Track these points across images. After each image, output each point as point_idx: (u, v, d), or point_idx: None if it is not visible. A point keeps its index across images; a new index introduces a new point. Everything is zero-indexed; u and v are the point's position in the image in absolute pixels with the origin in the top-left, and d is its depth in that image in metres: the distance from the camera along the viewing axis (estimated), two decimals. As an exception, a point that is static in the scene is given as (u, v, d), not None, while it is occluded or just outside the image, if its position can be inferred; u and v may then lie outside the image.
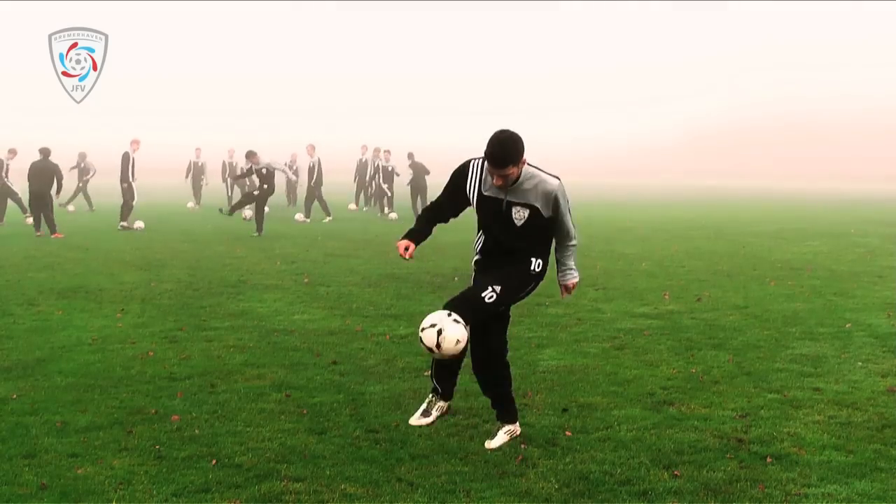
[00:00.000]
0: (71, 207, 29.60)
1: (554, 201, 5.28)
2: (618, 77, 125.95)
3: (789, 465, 5.14)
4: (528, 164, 5.27)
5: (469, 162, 5.42)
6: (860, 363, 7.61)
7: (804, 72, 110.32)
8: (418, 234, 5.45)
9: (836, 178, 73.45)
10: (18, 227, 22.65)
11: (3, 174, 23.87)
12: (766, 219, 27.14)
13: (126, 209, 22.56)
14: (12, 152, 24.62)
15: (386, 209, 28.65)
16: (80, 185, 30.58)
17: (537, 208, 5.26)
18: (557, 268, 5.65)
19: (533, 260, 5.39)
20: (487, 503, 4.65)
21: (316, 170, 26.43)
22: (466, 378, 7.10)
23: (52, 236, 19.71)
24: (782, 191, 53.98)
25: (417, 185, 27.25)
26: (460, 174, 5.40)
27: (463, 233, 18.57)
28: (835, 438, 5.61)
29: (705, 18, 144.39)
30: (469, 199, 5.39)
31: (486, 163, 5.20)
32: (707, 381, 7.02)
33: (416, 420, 5.65)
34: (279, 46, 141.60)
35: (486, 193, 5.30)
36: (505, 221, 5.29)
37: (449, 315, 5.17)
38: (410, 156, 28.45)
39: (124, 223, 22.31)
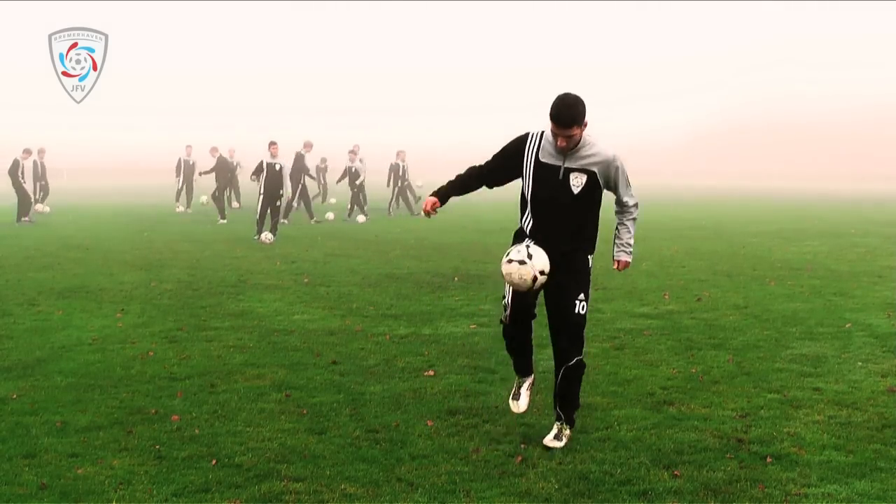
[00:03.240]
0: (46, 208, 29.36)
1: (615, 170, 5.36)
2: (618, 74, 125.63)
3: (789, 465, 5.15)
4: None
5: (528, 132, 5.52)
6: (860, 363, 7.61)
7: (806, 70, 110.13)
8: (446, 194, 5.61)
9: (837, 178, 73.38)
10: (18, 227, 22.67)
11: (20, 174, 23.98)
12: (766, 219, 27.13)
13: (288, 208, 23.49)
14: (27, 152, 24.80)
15: (357, 210, 26.76)
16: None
17: (595, 174, 5.33)
18: (614, 240, 5.75)
19: (589, 258, 5.55)
20: (487, 503, 4.66)
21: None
22: (466, 378, 7.12)
23: None
24: (782, 191, 53.99)
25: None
26: (519, 140, 5.48)
27: (463, 233, 18.64)
28: (835, 438, 5.61)
29: (706, 15, 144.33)
30: (523, 166, 5.42)
31: (544, 133, 5.33)
32: (707, 381, 7.02)
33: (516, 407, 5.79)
34: (280, 43, 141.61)
35: (543, 160, 5.36)
36: (561, 189, 5.33)
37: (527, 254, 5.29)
38: (231, 152, 29.66)
39: (285, 220, 23.25)
